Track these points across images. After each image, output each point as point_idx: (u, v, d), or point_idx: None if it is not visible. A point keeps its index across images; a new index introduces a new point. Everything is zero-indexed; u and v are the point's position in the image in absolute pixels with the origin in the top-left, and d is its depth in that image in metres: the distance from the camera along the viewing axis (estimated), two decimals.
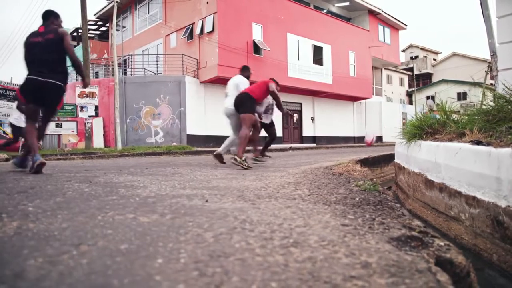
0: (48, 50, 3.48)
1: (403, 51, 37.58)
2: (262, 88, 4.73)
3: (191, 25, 15.51)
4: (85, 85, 3.84)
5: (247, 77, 5.34)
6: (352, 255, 0.99)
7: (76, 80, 12.99)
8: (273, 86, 4.71)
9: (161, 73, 15.49)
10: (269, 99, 5.27)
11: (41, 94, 3.49)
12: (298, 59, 17.34)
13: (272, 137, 6.03)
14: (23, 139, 11.01)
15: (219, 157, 5.16)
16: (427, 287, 0.80)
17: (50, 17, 3.69)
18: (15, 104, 8.68)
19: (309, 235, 1.20)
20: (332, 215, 1.53)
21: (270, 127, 5.95)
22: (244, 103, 4.57)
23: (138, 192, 2.22)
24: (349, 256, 0.98)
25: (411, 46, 38.57)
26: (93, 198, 1.95)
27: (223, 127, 15.65)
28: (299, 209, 1.66)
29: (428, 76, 36.94)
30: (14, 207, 1.67)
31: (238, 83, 5.13)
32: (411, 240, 1.20)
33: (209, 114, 15.11)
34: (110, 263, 0.91)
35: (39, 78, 3.42)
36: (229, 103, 4.96)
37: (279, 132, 17.80)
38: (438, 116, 3.85)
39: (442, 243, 1.19)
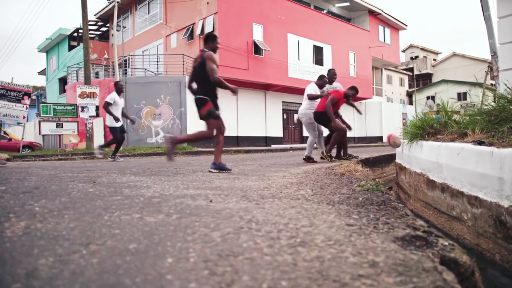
0: (197, 72, 4.02)
1: (403, 51, 37.56)
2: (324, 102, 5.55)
3: (192, 26, 15.51)
4: (234, 93, 4.25)
5: (320, 86, 5.82)
6: (359, 254, 1.00)
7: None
8: (327, 105, 5.41)
9: (161, 74, 15.47)
10: (325, 88, 5.93)
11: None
12: (299, 59, 17.35)
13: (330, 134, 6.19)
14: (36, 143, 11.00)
15: (308, 159, 5.67)
16: (434, 286, 0.81)
17: (208, 41, 4.10)
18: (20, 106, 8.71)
19: (315, 234, 1.21)
20: (337, 215, 1.54)
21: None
22: (325, 120, 5.54)
23: (142, 192, 2.23)
24: (356, 256, 0.99)
25: (411, 46, 38.55)
26: (98, 198, 1.96)
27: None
28: (303, 209, 1.67)
29: (428, 76, 36.93)
30: (20, 207, 1.68)
31: (307, 91, 5.78)
32: (415, 239, 1.21)
33: None
34: (121, 262, 0.92)
35: (195, 95, 4.06)
36: (301, 108, 5.85)
37: (279, 132, 17.82)
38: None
39: (446, 243, 1.20)
